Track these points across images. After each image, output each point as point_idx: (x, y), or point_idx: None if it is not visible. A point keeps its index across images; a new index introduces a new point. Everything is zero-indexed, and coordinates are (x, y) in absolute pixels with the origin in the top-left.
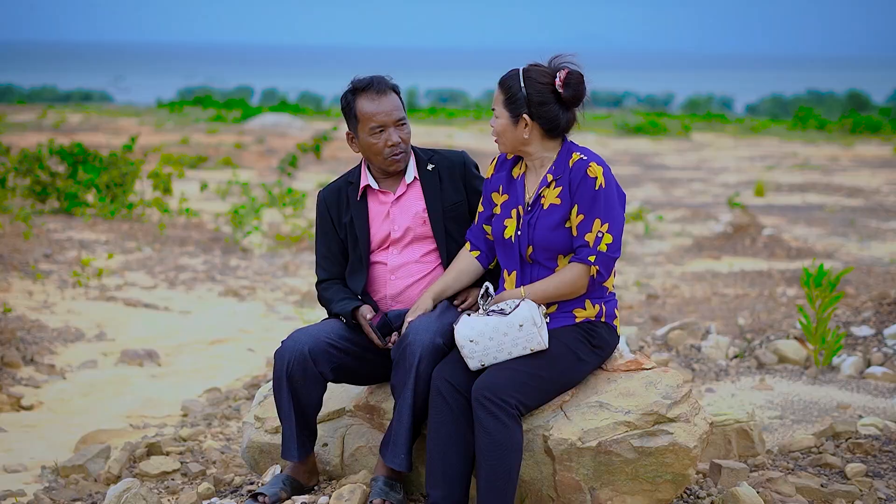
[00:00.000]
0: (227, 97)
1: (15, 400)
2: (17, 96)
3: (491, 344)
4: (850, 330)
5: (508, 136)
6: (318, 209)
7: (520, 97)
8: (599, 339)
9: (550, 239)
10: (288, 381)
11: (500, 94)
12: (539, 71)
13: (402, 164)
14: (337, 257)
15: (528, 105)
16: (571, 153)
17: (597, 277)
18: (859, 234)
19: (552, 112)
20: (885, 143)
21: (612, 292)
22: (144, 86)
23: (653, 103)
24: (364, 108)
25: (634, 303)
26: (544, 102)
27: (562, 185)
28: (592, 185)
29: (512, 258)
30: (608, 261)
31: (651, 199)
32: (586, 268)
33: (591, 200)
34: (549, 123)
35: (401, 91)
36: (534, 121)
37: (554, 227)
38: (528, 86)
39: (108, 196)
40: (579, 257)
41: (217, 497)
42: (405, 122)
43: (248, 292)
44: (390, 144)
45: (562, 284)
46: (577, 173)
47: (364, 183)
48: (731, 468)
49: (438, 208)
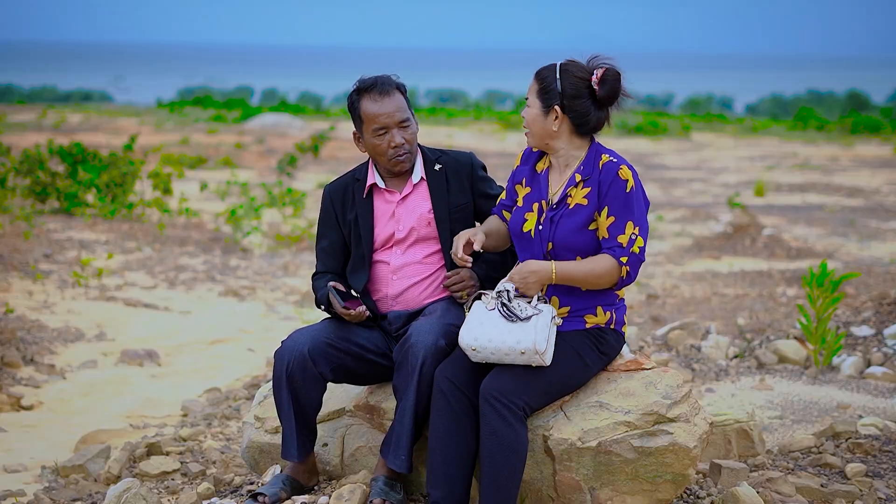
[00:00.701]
0: (227, 97)
1: (15, 400)
2: (17, 96)
3: (492, 357)
4: (850, 330)
5: (538, 126)
6: (323, 203)
7: (553, 88)
8: (607, 345)
9: (571, 239)
10: (288, 381)
11: (535, 84)
12: (577, 66)
13: (407, 165)
14: (336, 253)
15: (561, 97)
16: (600, 154)
17: (625, 278)
18: (859, 234)
19: (584, 107)
20: (885, 143)
21: (622, 299)
22: (144, 86)
23: (653, 103)
24: (368, 108)
25: (634, 303)
26: (577, 96)
27: (590, 186)
28: (623, 187)
29: (528, 251)
30: (638, 263)
31: (651, 199)
32: (618, 265)
33: (624, 203)
34: (580, 118)
35: (407, 90)
36: (564, 114)
37: (577, 228)
38: (563, 78)
39: (108, 196)
40: (613, 254)
41: (217, 497)
42: (409, 123)
43: (248, 292)
44: (394, 146)
45: (591, 273)
46: (608, 175)
47: (370, 181)
48: (731, 468)
49: (445, 209)
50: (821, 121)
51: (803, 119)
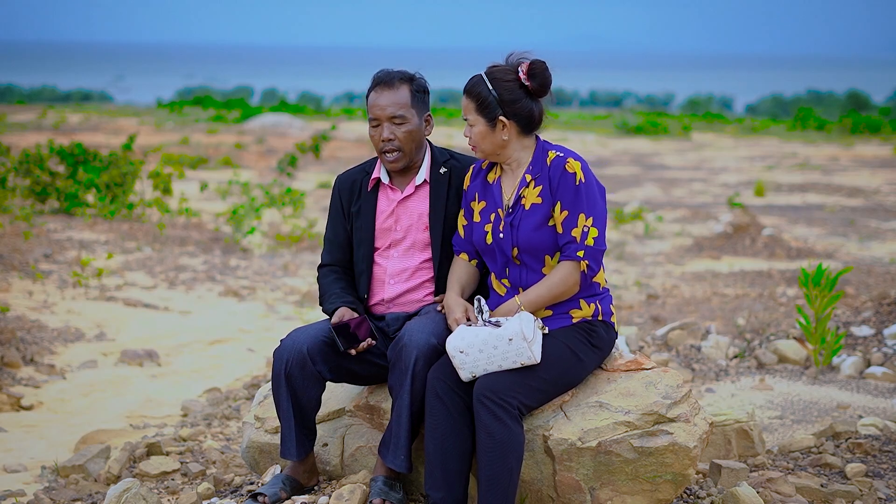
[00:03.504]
0: (227, 97)
1: (15, 400)
2: (17, 96)
3: (481, 356)
4: (850, 330)
5: (488, 141)
6: (333, 194)
7: (491, 100)
8: (598, 338)
9: (534, 239)
10: (287, 379)
11: (470, 102)
12: (501, 69)
13: (398, 165)
14: (342, 244)
15: (502, 105)
16: (547, 151)
17: (587, 272)
18: (859, 234)
19: (526, 107)
20: (885, 143)
21: (605, 288)
22: (144, 86)
23: (653, 103)
24: (370, 99)
25: (634, 303)
26: (516, 99)
27: (542, 184)
28: (573, 180)
29: (497, 262)
30: (596, 254)
31: (651, 199)
32: (576, 264)
33: (574, 196)
34: (525, 119)
35: (425, 90)
36: (510, 120)
37: (537, 226)
38: (496, 87)
39: (108, 196)
40: (567, 254)
41: (217, 497)
42: (404, 121)
43: (248, 292)
44: (382, 140)
45: (554, 286)
46: (556, 170)
47: (376, 175)
48: (731, 468)
49: (441, 214)
50: (821, 121)
51: (803, 119)
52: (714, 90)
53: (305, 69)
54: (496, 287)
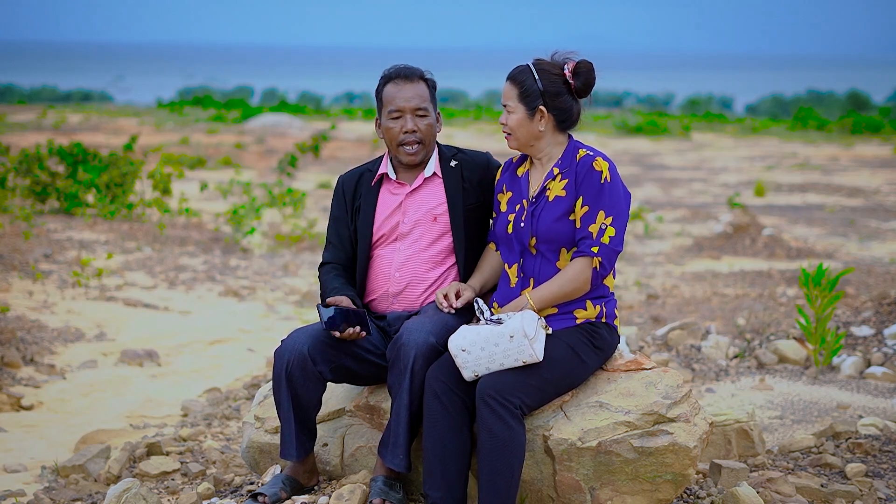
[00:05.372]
0: (227, 97)
1: (15, 400)
2: (17, 96)
3: (482, 354)
4: (850, 330)
5: (524, 130)
6: (335, 192)
7: (535, 90)
8: (601, 339)
9: (553, 230)
10: (287, 380)
11: (513, 88)
12: (548, 63)
13: (417, 158)
14: (345, 243)
15: (544, 96)
16: (578, 149)
17: (599, 270)
18: (859, 234)
19: (566, 103)
20: (885, 143)
21: (612, 292)
22: (144, 86)
23: (653, 103)
24: (387, 92)
25: (634, 303)
26: (559, 93)
27: (567, 178)
28: (598, 178)
29: (513, 250)
30: (610, 253)
31: (651, 199)
32: (588, 260)
33: (597, 193)
34: (563, 114)
35: (436, 87)
36: (549, 112)
37: (558, 218)
38: (542, 77)
39: (108, 196)
40: (581, 250)
41: (217, 497)
42: (426, 114)
43: (248, 292)
44: (405, 131)
45: (566, 282)
46: (584, 166)
47: (382, 170)
48: (731, 468)
49: (459, 206)
50: (821, 121)
51: (803, 119)
52: (714, 90)
53: (305, 69)
54: (510, 273)
